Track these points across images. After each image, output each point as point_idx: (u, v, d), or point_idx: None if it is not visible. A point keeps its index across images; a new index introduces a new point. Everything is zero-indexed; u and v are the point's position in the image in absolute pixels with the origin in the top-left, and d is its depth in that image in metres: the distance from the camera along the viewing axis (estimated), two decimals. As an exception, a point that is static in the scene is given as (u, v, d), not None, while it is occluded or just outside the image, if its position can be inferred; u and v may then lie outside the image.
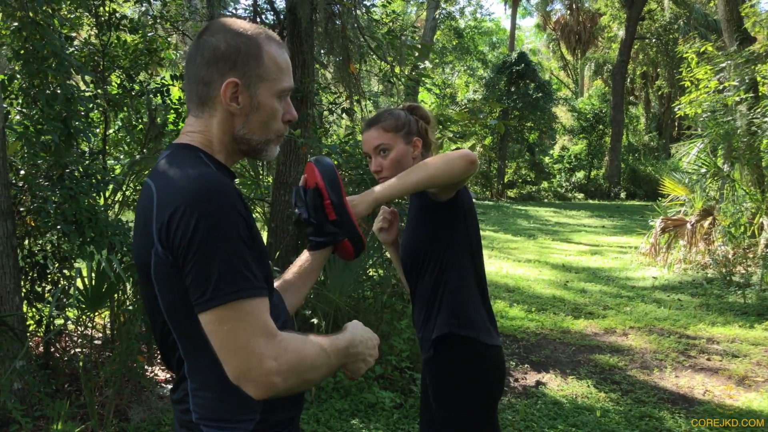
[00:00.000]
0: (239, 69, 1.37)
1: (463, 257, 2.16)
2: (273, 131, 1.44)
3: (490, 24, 39.52)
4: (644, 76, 33.33)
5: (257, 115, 1.40)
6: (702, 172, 9.90)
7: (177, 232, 1.21)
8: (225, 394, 1.32)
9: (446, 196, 2.10)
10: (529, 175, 27.26)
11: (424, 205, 2.15)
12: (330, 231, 1.64)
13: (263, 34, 1.42)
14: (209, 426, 1.34)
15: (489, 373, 2.15)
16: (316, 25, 5.88)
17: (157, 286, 1.29)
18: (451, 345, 2.12)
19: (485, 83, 26.55)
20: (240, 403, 1.33)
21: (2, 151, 3.73)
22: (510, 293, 8.08)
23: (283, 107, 1.45)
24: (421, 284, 2.19)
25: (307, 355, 1.27)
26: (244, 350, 1.18)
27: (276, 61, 1.41)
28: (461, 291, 2.14)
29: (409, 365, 4.60)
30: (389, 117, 2.21)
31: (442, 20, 28.33)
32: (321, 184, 1.62)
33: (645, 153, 30.17)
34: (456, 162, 1.91)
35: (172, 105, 5.63)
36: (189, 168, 1.29)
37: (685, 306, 7.41)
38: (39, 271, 4.35)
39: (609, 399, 4.60)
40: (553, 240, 13.57)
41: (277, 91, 1.41)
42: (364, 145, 2.25)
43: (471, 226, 2.18)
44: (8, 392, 3.51)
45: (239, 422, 1.34)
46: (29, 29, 3.86)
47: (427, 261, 2.15)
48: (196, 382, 1.34)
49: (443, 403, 2.15)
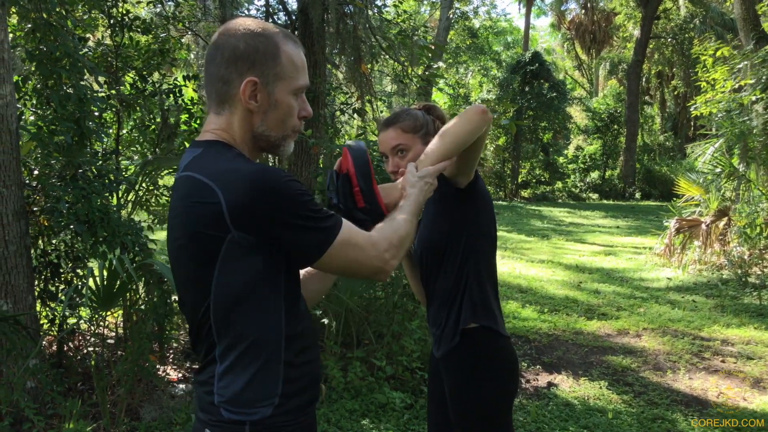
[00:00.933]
0: (258, 68, 1.44)
1: (483, 246, 2.17)
2: (290, 127, 1.52)
3: (505, 24, 39.40)
4: (659, 76, 33.08)
5: (275, 112, 1.48)
6: (717, 172, 9.81)
7: (264, 216, 1.35)
8: (249, 380, 1.41)
9: (466, 179, 2.09)
10: (543, 175, 27.12)
11: (445, 194, 2.13)
12: (358, 218, 1.64)
13: (280, 33, 1.49)
14: (229, 410, 1.41)
15: (510, 365, 2.17)
16: (328, 26, 5.90)
17: (219, 271, 1.39)
18: (475, 337, 2.12)
19: (499, 83, 26.44)
20: (261, 389, 1.42)
21: (16, 151, 3.76)
22: (523, 294, 8.05)
23: (299, 104, 1.53)
24: (441, 277, 2.18)
25: (402, 232, 1.56)
26: (363, 262, 1.47)
27: (293, 60, 1.48)
28: (482, 281, 2.16)
29: (420, 366, 4.59)
30: (408, 117, 2.20)
31: (455, 20, 28.26)
32: (351, 171, 1.64)
33: (660, 153, 29.94)
34: (471, 116, 1.92)
35: (184, 105, 5.66)
36: (238, 163, 1.41)
37: (700, 307, 7.34)
38: (52, 270, 4.39)
39: (621, 401, 4.57)
40: (566, 240, 13.50)
41: (293, 88, 1.49)
42: (381, 145, 2.23)
43: (490, 214, 2.20)
44: (21, 390, 3.54)
45: (259, 407, 1.41)
46: (43, 30, 3.89)
47: (450, 251, 2.14)
48: (224, 366, 1.42)
49: (463, 397, 2.13)
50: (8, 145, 3.70)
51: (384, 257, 1.48)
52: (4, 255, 3.72)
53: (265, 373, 1.42)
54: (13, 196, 3.73)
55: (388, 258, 1.49)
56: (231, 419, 1.41)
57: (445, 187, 2.12)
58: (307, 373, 1.52)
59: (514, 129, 6.45)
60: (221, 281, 1.39)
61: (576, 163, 28.40)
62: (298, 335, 1.49)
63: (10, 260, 3.74)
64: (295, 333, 1.48)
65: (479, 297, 2.13)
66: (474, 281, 2.13)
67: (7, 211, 3.71)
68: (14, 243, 3.74)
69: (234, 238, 1.36)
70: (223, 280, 1.39)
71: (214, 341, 1.43)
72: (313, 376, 1.55)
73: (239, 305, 1.40)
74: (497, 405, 2.13)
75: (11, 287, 3.75)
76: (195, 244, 1.39)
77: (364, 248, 1.46)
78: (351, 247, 1.44)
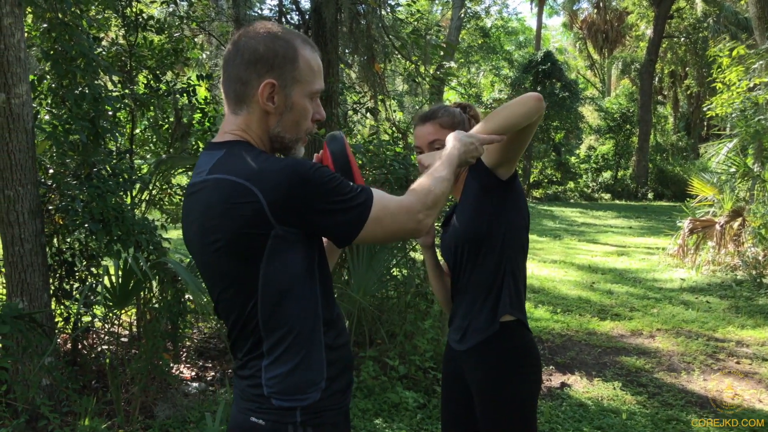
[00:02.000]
0: (276, 71, 1.48)
1: (519, 239, 2.18)
2: (303, 130, 1.56)
3: (516, 23, 39.30)
4: (672, 75, 32.89)
5: (291, 114, 1.52)
6: (731, 172, 9.74)
7: (303, 208, 1.40)
8: (296, 367, 1.47)
9: (508, 171, 2.10)
10: (555, 175, 27.04)
11: (486, 185, 2.13)
12: None
13: (299, 38, 1.53)
14: (280, 399, 1.46)
15: (539, 360, 2.19)
16: (341, 25, 5.90)
17: (266, 266, 1.43)
18: (510, 329, 2.12)
19: (511, 83, 26.38)
20: (309, 375, 1.48)
21: (32, 150, 3.78)
22: (535, 294, 8.02)
23: (313, 107, 1.56)
24: (478, 269, 2.16)
25: (437, 192, 1.56)
26: (400, 227, 1.50)
27: (310, 64, 1.52)
28: (518, 275, 2.17)
29: (433, 365, 4.58)
30: (446, 113, 2.22)
31: (467, 19, 28.22)
32: (330, 166, 1.65)
33: (673, 153, 29.74)
34: (527, 101, 1.93)
35: (198, 105, 5.67)
36: (267, 159, 1.44)
37: (714, 308, 7.29)
38: (67, 268, 4.41)
39: (635, 402, 4.54)
40: (579, 241, 13.45)
41: (310, 92, 1.53)
42: (418, 139, 2.25)
43: (525, 208, 2.22)
44: (37, 388, 3.56)
45: (308, 393, 1.47)
46: (58, 30, 3.91)
47: (489, 243, 2.13)
48: (271, 358, 1.47)
49: (495, 390, 2.11)
50: (24, 144, 3.72)
51: (418, 218, 1.51)
52: (20, 253, 3.75)
53: (310, 360, 1.48)
54: (29, 194, 3.76)
55: (422, 218, 1.51)
56: (282, 407, 1.46)
57: (487, 178, 2.12)
58: (344, 355, 1.58)
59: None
60: (269, 277, 1.43)
61: (588, 163, 28.29)
62: (335, 319, 1.56)
63: (26, 258, 3.76)
64: (331, 317, 1.55)
65: (515, 289, 2.15)
66: (511, 274, 2.14)
67: (23, 209, 3.73)
68: (30, 241, 3.77)
69: (278, 233, 1.40)
70: (270, 275, 1.43)
71: (261, 336, 1.47)
72: (348, 359, 1.61)
73: (285, 298, 1.45)
74: (530, 399, 2.13)
75: (27, 285, 3.78)
76: (239, 244, 1.42)
77: (398, 215, 1.49)
78: (386, 217, 1.48)
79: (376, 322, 4.76)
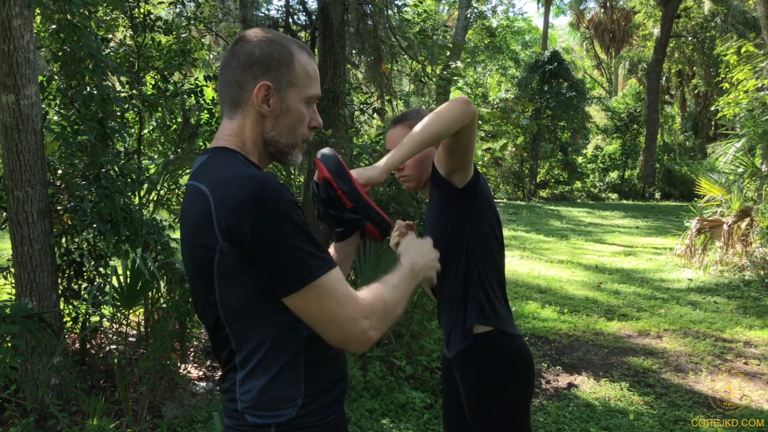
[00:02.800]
0: (272, 73, 1.45)
1: (487, 247, 2.14)
2: (299, 135, 1.52)
3: (522, 23, 39.23)
4: (680, 75, 32.77)
5: (286, 118, 1.48)
6: (739, 172, 9.71)
7: (247, 229, 1.28)
8: (270, 383, 1.39)
9: (463, 178, 2.07)
10: (562, 175, 27.00)
11: (445, 195, 2.13)
12: (349, 219, 1.67)
13: (295, 43, 1.51)
14: (254, 414, 1.40)
15: (523, 366, 2.14)
16: (348, 26, 5.90)
17: (218, 282, 1.35)
18: (485, 339, 2.10)
19: (517, 82, 26.36)
20: (283, 392, 1.40)
21: (41, 151, 3.80)
22: (542, 294, 8.01)
23: (310, 113, 1.53)
24: (447, 280, 2.16)
25: (388, 300, 1.40)
26: (337, 320, 1.32)
27: (306, 69, 1.49)
28: (487, 282, 2.13)
29: (440, 366, 4.58)
30: (416, 116, 2.21)
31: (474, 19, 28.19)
32: (328, 176, 1.64)
33: (680, 153, 29.67)
34: (453, 106, 1.90)
35: (205, 105, 5.69)
36: (239, 169, 1.37)
37: (722, 308, 7.27)
38: (75, 268, 4.43)
39: (643, 402, 4.54)
40: (586, 241, 13.42)
41: (305, 97, 1.49)
42: (389, 142, 2.26)
43: (492, 214, 2.17)
44: (46, 387, 3.59)
45: (283, 409, 1.40)
46: (67, 31, 3.93)
47: (453, 253, 2.12)
48: (244, 372, 1.40)
49: (478, 400, 2.12)
50: (33, 144, 3.74)
51: (361, 325, 1.32)
52: (29, 253, 3.77)
53: (286, 375, 1.40)
54: (38, 195, 3.78)
55: (366, 327, 1.33)
56: (256, 423, 1.40)
57: (445, 187, 2.11)
58: (331, 371, 1.50)
59: (535, 129, 6.45)
60: (224, 292, 1.36)
61: (595, 163, 28.24)
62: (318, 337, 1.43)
63: (35, 259, 3.78)
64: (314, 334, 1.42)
65: (485, 298, 2.11)
66: (479, 283, 2.11)
67: (32, 210, 3.76)
68: (39, 242, 3.79)
69: (222, 249, 1.31)
70: (226, 290, 1.35)
71: (233, 350, 1.41)
72: (338, 374, 1.53)
73: (250, 313, 1.37)
74: (512, 407, 2.11)
75: (36, 285, 3.80)
76: (197, 254, 1.37)
77: (342, 304, 1.31)
78: (330, 297, 1.31)
79: (383, 322, 4.76)
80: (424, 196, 2.29)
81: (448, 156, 2.02)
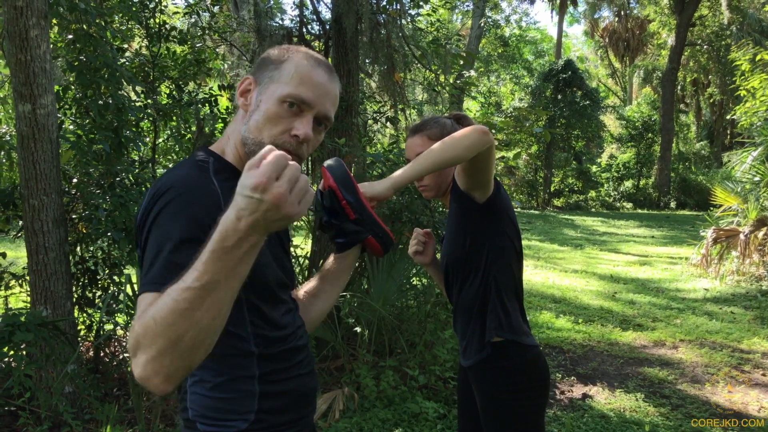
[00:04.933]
0: (260, 71, 1.40)
1: (506, 260, 2.13)
2: (267, 137, 1.33)
3: (536, 33, 39.23)
4: (695, 84, 32.63)
5: (256, 113, 1.35)
6: (756, 181, 9.62)
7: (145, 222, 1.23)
8: (218, 391, 1.33)
9: (483, 194, 2.06)
10: (576, 184, 26.90)
11: (464, 208, 2.12)
12: (351, 230, 1.63)
13: (312, 56, 1.40)
14: (204, 423, 1.33)
15: (539, 375, 2.14)
16: (362, 35, 5.92)
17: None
18: (502, 350, 2.10)
19: (531, 91, 26.33)
20: (233, 402, 1.33)
21: (56, 159, 3.83)
22: (556, 304, 7.96)
23: (291, 119, 1.35)
24: (465, 291, 2.16)
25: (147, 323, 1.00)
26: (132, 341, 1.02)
27: (298, 71, 1.36)
28: (506, 295, 2.12)
29: (453, 375, 4.56)
30: (434, 125, 2.20)
31: (487, 28, 28.22)
32: (334, 186, 1.61)
33: (696, 162, 29.50)
34: (470, 134, 1.87)
35: (219, 114, 5.72)
36: (173, 169, 1.32)
37: (739, 319, 7.19)
38: (90, 277, 4.46)
39: (658, 413, 4.48)
40: (600, 250, 13.35)
41: (281, 94, 1.34)
42: (408, 151, 2.24)
43: (513, 228, 2.16)
44: (60, 395, 3.60)
45: (232, 420, 1.33)
46: (83, 41, 3.97)
47: (472, 266, 2.13)
48: (195, 377, 1.35)
49: (493, 411, 2.11)
50: (49, 153, 3.77)
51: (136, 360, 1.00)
52: (44, 262, 3.79)
53: (235, 388, 1.33)
54: (53, 203, 3.80)
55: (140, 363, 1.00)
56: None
57: (465, 200, 2.10)
58: (293, 389, 1.42)
59: (548, 138, 6.42)
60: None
61: (609, 172, 28.14)
62: (275, 355, 1.39)
63: (50, 267, 3.81)
64: (269, 353, 1.37)
65: (503, 311, 2.11)
66: (497, 295, 2.11)
67: (47, 218, 3.78)
68: (54, 250, 3.81)
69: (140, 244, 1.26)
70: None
71: None
72: (301, 392, 1.45)
73: None
74: (528, 417, 2.11)
75: (50, 293, 3.82)
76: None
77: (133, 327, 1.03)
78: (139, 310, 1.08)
79: (395, 332, 4.75)
80: (445, 205, 2.27)
81: (466, 176, 2.02)
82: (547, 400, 2.19)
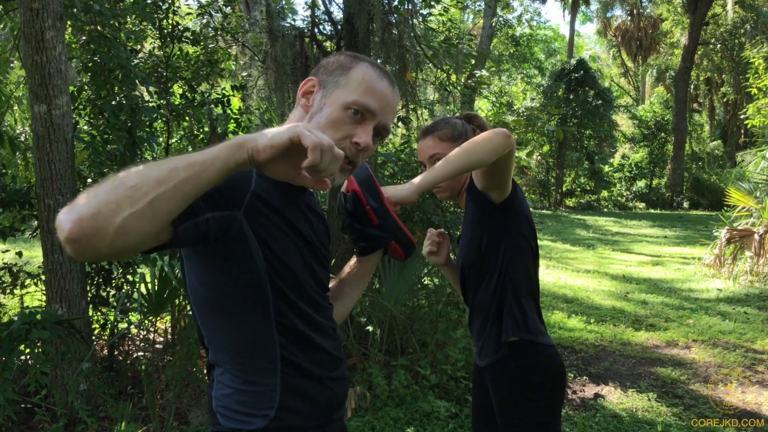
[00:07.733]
0: (325, 74, 1.39)
1: (523, 260, 2.14)
2: None
3: (548, 32, 39.11)
4: (708, 83, 32.41)
5: (318, 116, 1.35)
6: (770, 181, 9.57)
7: None
8: (241, 385, 1.32)
9: (501, 195, 2.06)
10: (588, 183, 26.79)
11: (481, 209, 2.12)
12: (374, 235, 1.61)
13: (378, 68, 1.40)
14: (224, 416, 1.33)
15: (556, 375, 2.14)
16: (373, 35, 5.93)
17: (187, 271, 1.32)
18: (518, 350, 2.10)
19: (543, 91, 26.25)
20: (255, 398, 1.31)
21: (71, 160, 3.87)
22: (568, 304, 7.95)
23: (353, 126, 1.34)
24: (481, 291, 2.17)
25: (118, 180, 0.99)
26: None
27: (364, 79, 1.36)
28: (522, 296, 2.13)
29: (465, 375, 4.56)
30: (446, 126, 2.20)
31: (498, 28, 28.17)
32: (358, 190, 1.59)
33: (709, 161, 29.31)
34: (493, 138, 1.86)
35: (232, 115, 5.76)
36: None
37: (752, 319, 7.15)
38: (104, 276, 4.49)
39: (671, 413, 4.47)
40: (612, 250, 13.29)
41: (346, 101, 1.33)
42: (420, 153, 2.24)
43: (529, 228, 2.17)
44: (75, 393, 3.63)
45: (252, 416, 1.31)
46: (97, 43, 4.01)
47: (489, 266, 2.13)
48: (221, 369, 1.35)
49: (510, 410, 2.12)
50: (64, 154, 3.81)
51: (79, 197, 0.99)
52: (59, 261, 3.83)
53: (258, 381, 1.31)
54: (68, 203, 3.83)
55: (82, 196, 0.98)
56: (227, 426, 1.32)
57: (482, 201, 2.10)
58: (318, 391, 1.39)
59: (561, 135, 6.43)
60: (192, 282, 1.31)
61: (622, 172, 27.99)
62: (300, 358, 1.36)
63: (65, 266, 3.84)
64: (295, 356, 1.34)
65: (519, 311, 2.11)
66: (514, 295, 2.11)
67: (63, 218, 3.81)
68: (69, 249, 3.84)
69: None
70: (193, 281, 1.31)
71: (205, 343, 1.36)
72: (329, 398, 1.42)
73: (215, 309, 1.30)
74: (543, 415, 2.11)
75: (66, 292, 3.86)
76: None
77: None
78: None
79: (407, 331, 4.76)
80: (457, 205, 2.27)
81: (485, 178, 2.02)
82: (563, 400, 2.19)
